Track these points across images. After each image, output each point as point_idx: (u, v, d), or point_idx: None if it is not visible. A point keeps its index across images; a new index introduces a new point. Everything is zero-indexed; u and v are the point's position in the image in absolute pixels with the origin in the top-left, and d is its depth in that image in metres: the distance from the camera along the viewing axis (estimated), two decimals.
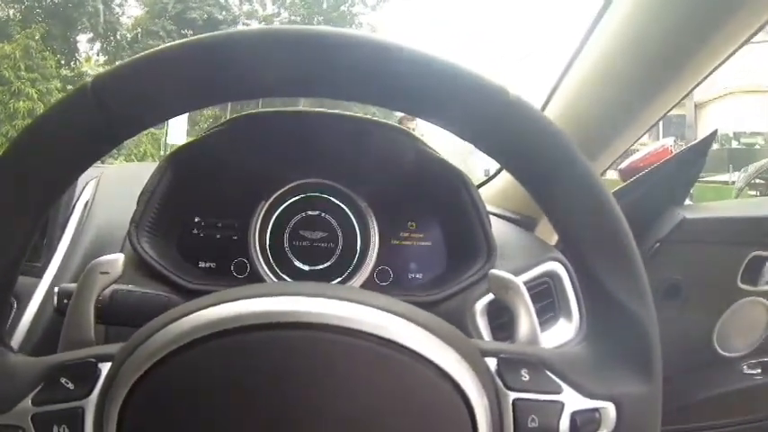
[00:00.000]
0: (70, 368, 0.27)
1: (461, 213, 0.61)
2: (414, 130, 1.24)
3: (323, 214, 0.64)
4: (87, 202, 0.66)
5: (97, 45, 17.10)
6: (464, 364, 0.25)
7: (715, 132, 0.89)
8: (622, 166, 1.48)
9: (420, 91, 0.28)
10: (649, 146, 1.39)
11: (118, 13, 17.09)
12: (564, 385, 0.28)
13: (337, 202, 0.64)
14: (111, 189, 0.69)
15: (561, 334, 0.62)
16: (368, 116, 0.64)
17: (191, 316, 0.25)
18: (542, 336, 0.37)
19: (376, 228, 0.63)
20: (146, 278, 0.54)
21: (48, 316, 0.53)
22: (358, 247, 0.64)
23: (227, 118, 0.61)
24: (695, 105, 12.79)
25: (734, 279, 0.85)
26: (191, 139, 0.61)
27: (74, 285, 0.40)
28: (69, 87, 14.41)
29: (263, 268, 0.61)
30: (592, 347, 0.31)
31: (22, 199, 0.27)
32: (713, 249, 0.85)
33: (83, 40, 16.54)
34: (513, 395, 0.27)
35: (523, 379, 0.28)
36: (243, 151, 0.60)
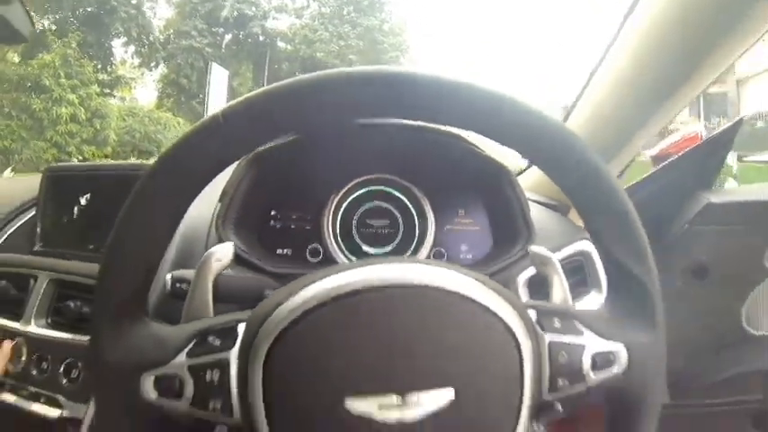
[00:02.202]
0: (215, 329, 0.34)
1: (504, 202, 0.70)
2: None
3: (386, 204, 0.74)
4: None
5: (131, 48, 17.75)
6: (516, 314, 0.33)
7: (740, 121, 0.90)
8: (654, 152, 1.48)
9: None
10: (680, 131, 1.39)
11: (150, 16, 17.57)
12: (586, 330, 0.36)
13: (398, 194, 0.74)
14: None
15: (592, 304, 0.70)
16: (423, 123, 0.72)
17: (325, 280, 0.31)
18: (575, 304, 0.46)
19: (432, 215, 0.73)
20: (233, 265, 0.60)
21: (155, 299, 0.58)
22: (416, 232, 0.73)
23: None
24: (737, 82, 12.11)
25: (759, 260, 0.88)
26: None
27: (185, 272, 0.49)
28: (107, 90, 14.91)
29: (336, 252, 0.70)
30: (609, 305, 0.39)
31: (168, 206, 0.34)
32: (738, 231, 0.88)
33: (117, 44, 17.18)
34: (548, 337, 0.35)
35: (556, 325, 0.35)
36: (316, 152, 0.69)
